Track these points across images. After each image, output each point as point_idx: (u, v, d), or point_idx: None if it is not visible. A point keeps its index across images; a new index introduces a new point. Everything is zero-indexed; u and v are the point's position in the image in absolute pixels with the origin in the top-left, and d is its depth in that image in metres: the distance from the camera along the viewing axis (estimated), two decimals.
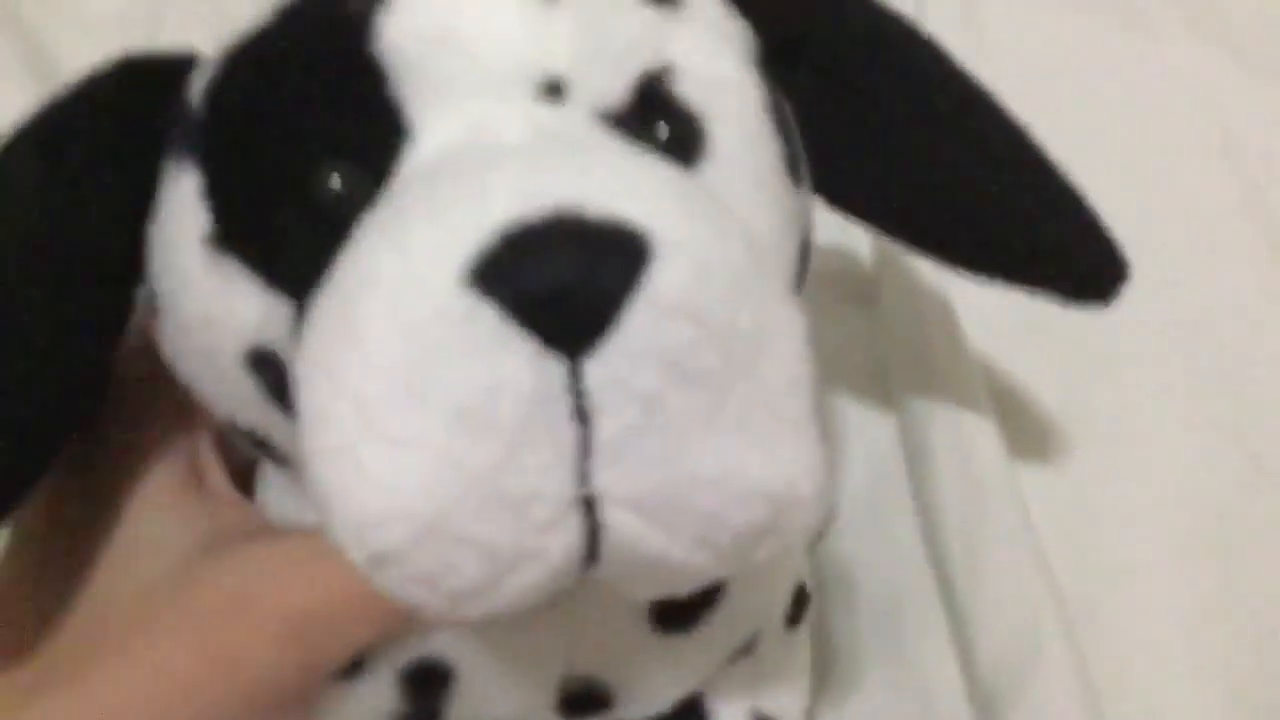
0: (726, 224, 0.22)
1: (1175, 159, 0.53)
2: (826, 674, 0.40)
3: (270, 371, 0.25)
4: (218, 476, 0.30)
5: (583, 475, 0.20)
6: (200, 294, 0.25)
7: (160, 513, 0.28)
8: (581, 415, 0.20)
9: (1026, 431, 0.45)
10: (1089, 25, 0.57)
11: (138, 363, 0.28)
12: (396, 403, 0.20)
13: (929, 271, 0.46)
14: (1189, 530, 0.43)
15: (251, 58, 0.25)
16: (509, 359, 0.20)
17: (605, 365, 0.20)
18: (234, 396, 0.26)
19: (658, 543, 0.21)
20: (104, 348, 0.27)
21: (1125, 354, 0.47)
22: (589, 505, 0.20)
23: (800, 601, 0.35)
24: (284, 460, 0.27)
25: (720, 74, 0.26)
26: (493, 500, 0.20)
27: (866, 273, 0.49)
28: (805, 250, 0.28)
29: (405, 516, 0.20)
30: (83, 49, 0.54)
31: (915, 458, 0.44)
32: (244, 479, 0.31)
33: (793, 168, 0.27)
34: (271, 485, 0.30)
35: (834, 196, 0.32)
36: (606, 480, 0.20)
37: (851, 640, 0.41)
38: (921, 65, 0.31)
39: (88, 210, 0.26)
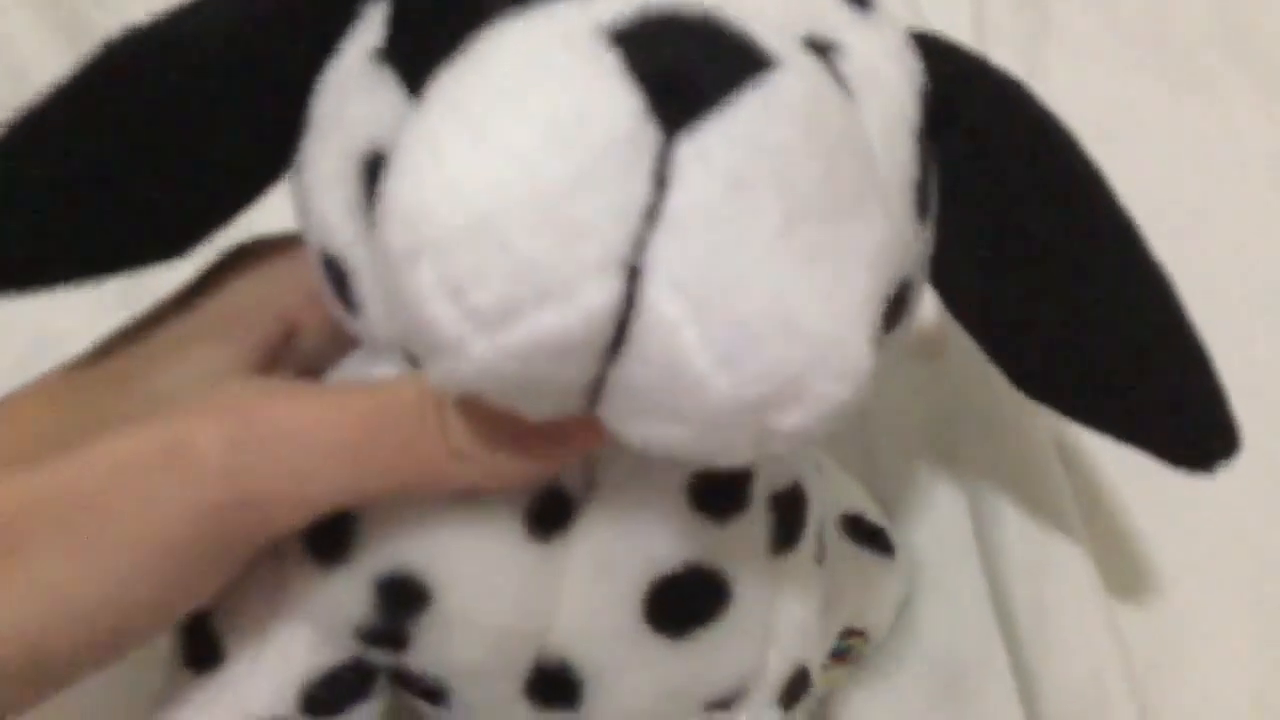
0: (855, 116, 0.22)
1: (1237, 222, 0.53)
2: None
3: (372, 164, 0.25)
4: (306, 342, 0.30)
5: (640, 240, 0.20)
6: (347, 94, 0.26)
7: (218, 359, 0.28)
8: (660, 181, 0.20)
9: (1091, 487, 0.45)
10: (1154, 86, 0.57)
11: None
12: (494, 105, 0.20)
13: None
14: (1256, 587, 0.43)
15: None
16: (612, 96, 0.20)
17: (700, 142, 0.20)
18: (335, 208, 0.26)
19: (687, 339, 0.20)
20: (256, 175, 0.27)
21: None
22: (635, 276, 0.20)
23: (800, 683, 0.32)
24: (357, 303, 0.27)
25: (884, 75, 0.26)
26: (549, 219, 0.19)
27: (931, 327, 0.49)
28: (907, 290, 0.28)
29: (461, 204, 0.20)
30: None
31: (981, 515, 0.44)
32: None
33: (921, 200, 0.27)
34: (341, 367, 0.30)
35: (939, 283, 0.30)
36: (660, 251, 0.20)
37: (918, 700, 0.41)
38: (1071, 177, 0.29)
39: (280, 40, 0.26)
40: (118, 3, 0.59)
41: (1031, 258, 0.29)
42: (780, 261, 0.20)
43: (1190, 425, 0.30)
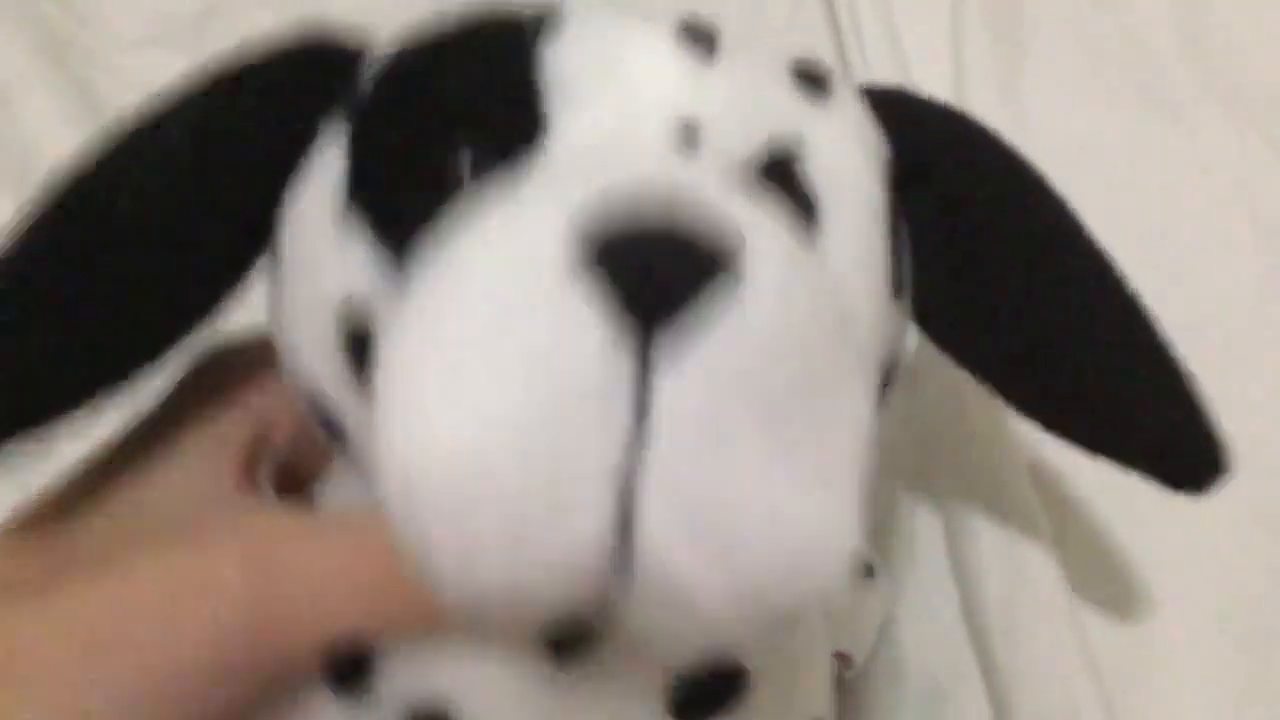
0: (822, 278, 0.22)
1: (1209, 245, 0.54)
2: None
3: (356, 336, 0.26)
4: (281, 445, 0.30)
5: (629, 465, 0.20)
6: (316, 239, 0.26)
7: (210, 464, 0.29)
8: (641, 408, 0.20)
9: (1065, 509, 0.46)
10: (1126, 114, 0.58)
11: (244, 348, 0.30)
12: (473, 333, 0.20)
13: None
14: (1230, 608, 0.44)
15: (419, 50, 0.27)
16: (586, 334, 0.20)
17: (674, 373, 0.20)
18: (320, 356, 0.27)
19: (680, 556, 0.20)
20: (214, 292, 0.28)
21: None
22: (627, 497, 0.20)
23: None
24: (351, 446, 0.28)
25: (846, 169, 0.27)
26: (536, 458, 0.20)
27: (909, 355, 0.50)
28: (892, 365, 0.28)
29: (450, 446, 0.20)
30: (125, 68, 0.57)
31: (955, 538, 0.45)
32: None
33: (896, 283, 0.28)
34: (336, 484, 0.30)
35: (926, 326, 0.31)
36: (649, 473, 0.20)
37: (894, 712, 0.42)
38: (1044, 222, 0.30)
39: (240, 164, 0.27)
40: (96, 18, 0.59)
41: (1011, 298, 0.29)
42: (763, 466, 0.20)
43: (1179, 446, 0.31)
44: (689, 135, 0.25)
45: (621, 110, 0.25)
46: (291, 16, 0.28)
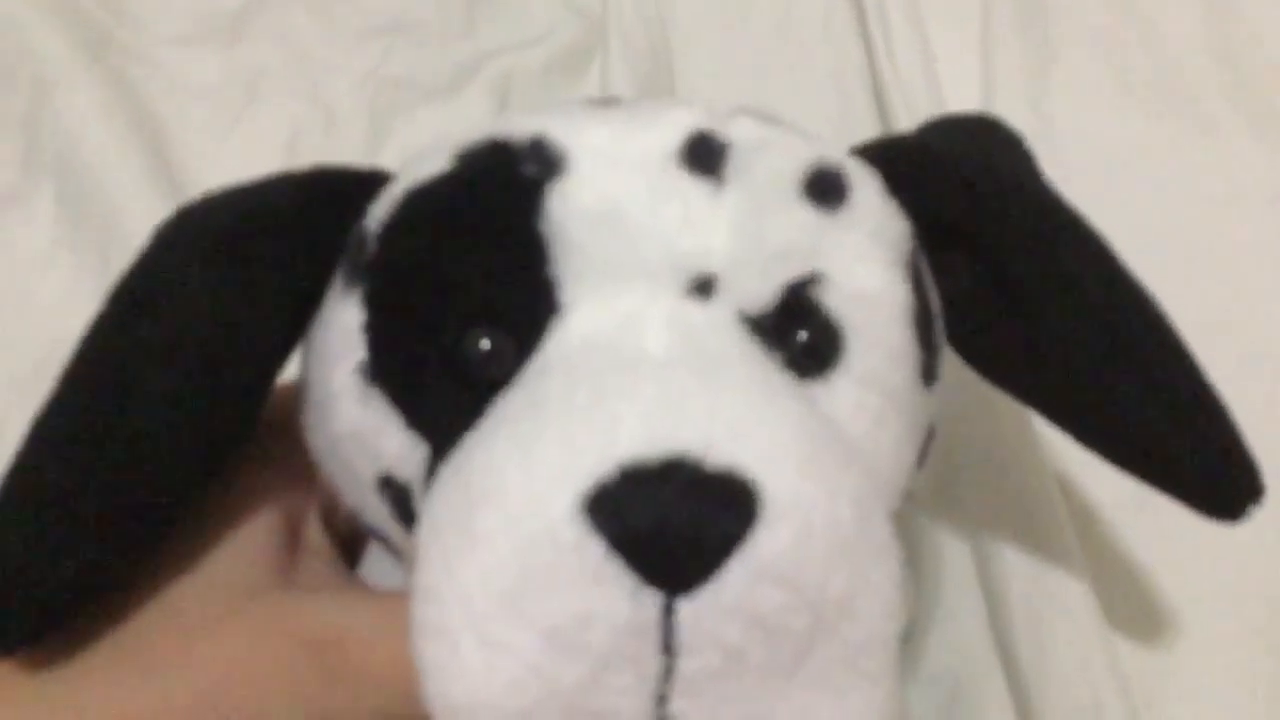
0: (841, 475, 0.23)
1: (1237, 255, 0.54)
2: None
3: (397, 496, 0.27)
4: (315, 532, 0.31)
5: (661, 698, 0.22)
6: (348, 414, 0.27)
7: (244, 554, 0.29)
8: (668, 647, 0.21)
9: (1093, 521, 0.46)
10: (1154, 124, 0.58)
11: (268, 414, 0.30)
12: (498, 610, 0.21)
13: None
14: (1259, 622, 0.44)
15: (425, 207, 0.27)
16: (607, 592, 0.21)
17: (696, 611, 0.21)
18: (362, 501, 0.28)
19: None
20: (241, 428, 0.28)
21: None
22: None
23: None
24: (398, 552, 0.29)
25: (868, 285, 0.27)
26: (573, 712, 0.22)
27: None
28: (930, 437, 0.29)
29: (492, 709, 0.22)
30: (185, 115, 0.58)
31: (982, 546, 0.45)
32: (347, 548, 0.32)
33: (927, 371, 0.28)
34: (377, 557, 0.32)
35: (970, 358, 0.32)
36: (682, 708, 0.22)
37: (915, 713, 0.42)
38: (1083, 266, 0.30)
39: (257, 308, 0.27)
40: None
41: (1050, 336, 0.30)
42: (791, 691, 0.22)
43: (1214, 475, 0.31)
44: (702, 288, 0.26)
45: (633, 272, 0.25)
46: (324, 16, 0.28)
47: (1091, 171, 0.54)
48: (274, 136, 0.57)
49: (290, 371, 0.30)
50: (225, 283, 0.27)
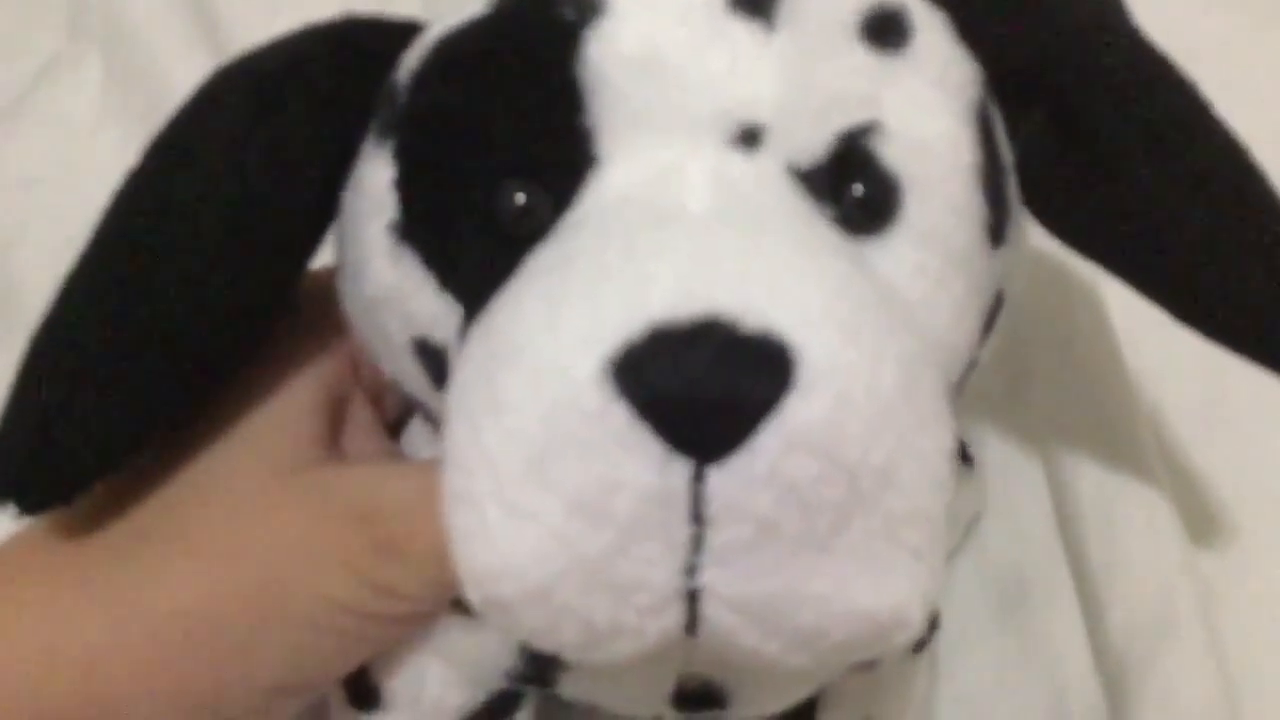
0: (887, 339, 0.22)
1: None
2: (949, 638, 0.41)
3: (433, 360, 0.26)
4: (359, 405, 0.31)
5: (691, 568, 0.21)
6: (380, 276, 0.26)
7: (288, 428, 0.29)
8: (698, 517, 0.20)
9: (1165, 412, 0.45)
10: (1236, 19, 0.55)
11: (315, 283, 0.29)
12: (523, 476, 0.21)
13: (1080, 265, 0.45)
14: None
15: (458, 53, 0.26)
16: (633, 459, 0.20)
17: (727, 480, 0.20)
18: (398, 367, 0.28)
19: (753, 640, 0.21)
20: (276, 292, 0.28)
21: None
22: (692, 596, 0.21)
23: (929, 628, 0.34)
24: (436, 419, 0.28)
25: (930, 134, 0.25)
26: (598, 583, 0.21)
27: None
28: (998, 302, 0.28)
29: (516, 577, 0.21)
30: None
31: (1050, 431, 0.44)
32: (394, 428, 0.32)
33: (995, 231, 0.27)
34: (418, 429, 0.32)
35: (1046, 219, 0.29)
36: (712, 579, 0.21)
37: (976, 602, 0.42)
38: (1170, 118, 0.27)
39: (288, 164, 0.27)
40: None
41: (1138, 196, 0.28)
42: (827, 564, 0.21)
43: None
44: (748, 139, 0.24)
45: (673, 122, 0.24)
46: None
47: None
48: (325, 9, 0.56)
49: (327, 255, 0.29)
50: (255, 138, 0.26)
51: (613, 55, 0.24)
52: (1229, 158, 0.28)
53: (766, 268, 0.22)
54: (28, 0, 0.57)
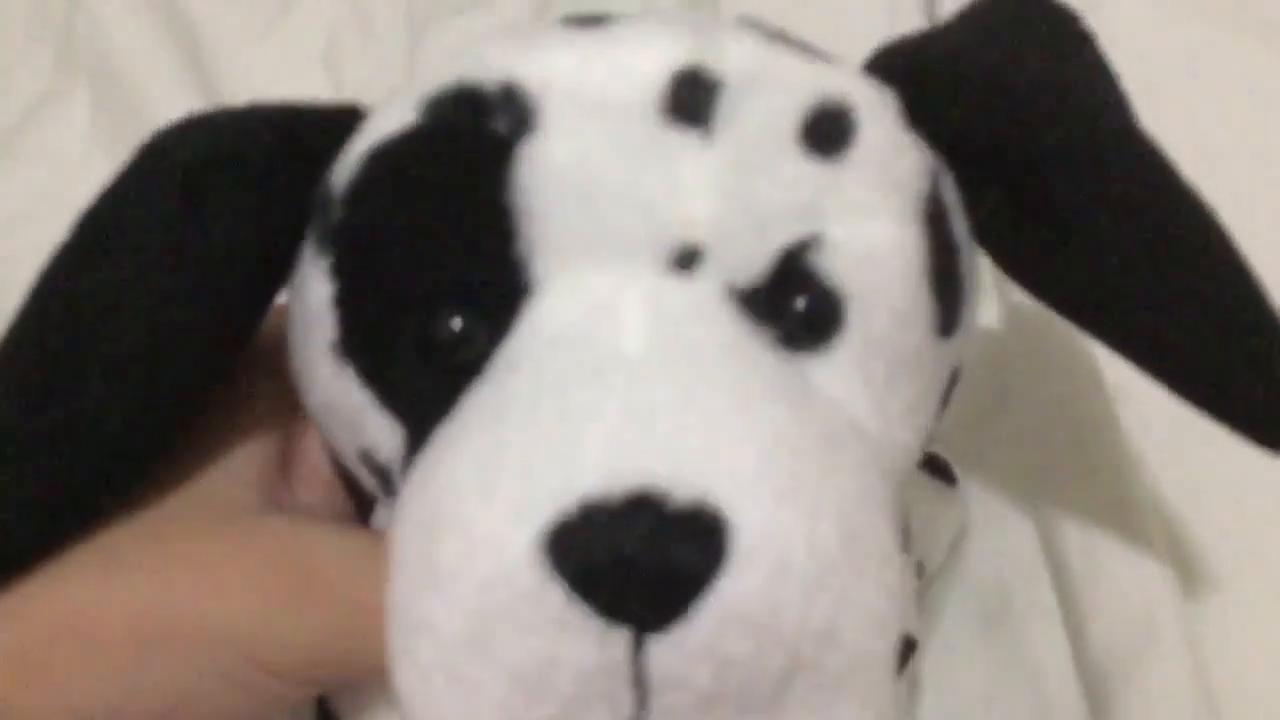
0: (826, 488, 0.22)
1: None
2: (934, 653, 0.41)
3: (380, 474, 0.26)
4: (312, 465, 0.30)
5: None
6: (326, 386, 0.26)
7: (235, 475, 0.28)
8: (640, 683, 0.21)
9: (1145, 426, 0.45)
10: (1215, 33, 0.56)
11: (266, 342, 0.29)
12: (464, 647, 0.21)
13: None
14: None
15: (391, 168, 0.25)
16: (571, 638, 0.20)
17: (665, 652, 0.20)
18: (351, 465, 0.28)
19: None
20: (205, 380, 0.27)
21: None
22: None
23: (904, 652, 0.33)
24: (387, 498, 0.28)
25: (874, 241, 0.25)
26: None
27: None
28: (954, 378, 0.28)
29: None
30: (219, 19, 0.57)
31: (1031, 445, 0.44)
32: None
33: (945, 325, 0.26)
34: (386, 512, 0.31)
35: (1013, 275, 0.29)
36: None
37: (960, 617, 0.42)
38: (1137, 186, 0.26)
39: (215, 258, 0.26)
40: None
41: (1100, 260, 0.27)
42: None
43: (1268, 399, 0.28)
44: (684, 261, 0.24)
45: (608, 249, 0.24)
46: None
47: (1150, 83, 0.52)
48: (310, 42, 0.57)
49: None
50: (181, 231, 0.25)
51: (545, 176, 0.24)
52: (1195, 224, 0.27)
53: (700, 427, 0.21)
54: (14, 36, 0.58)
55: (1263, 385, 0.28)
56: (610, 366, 0.23)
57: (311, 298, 0.26)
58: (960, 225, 0.27)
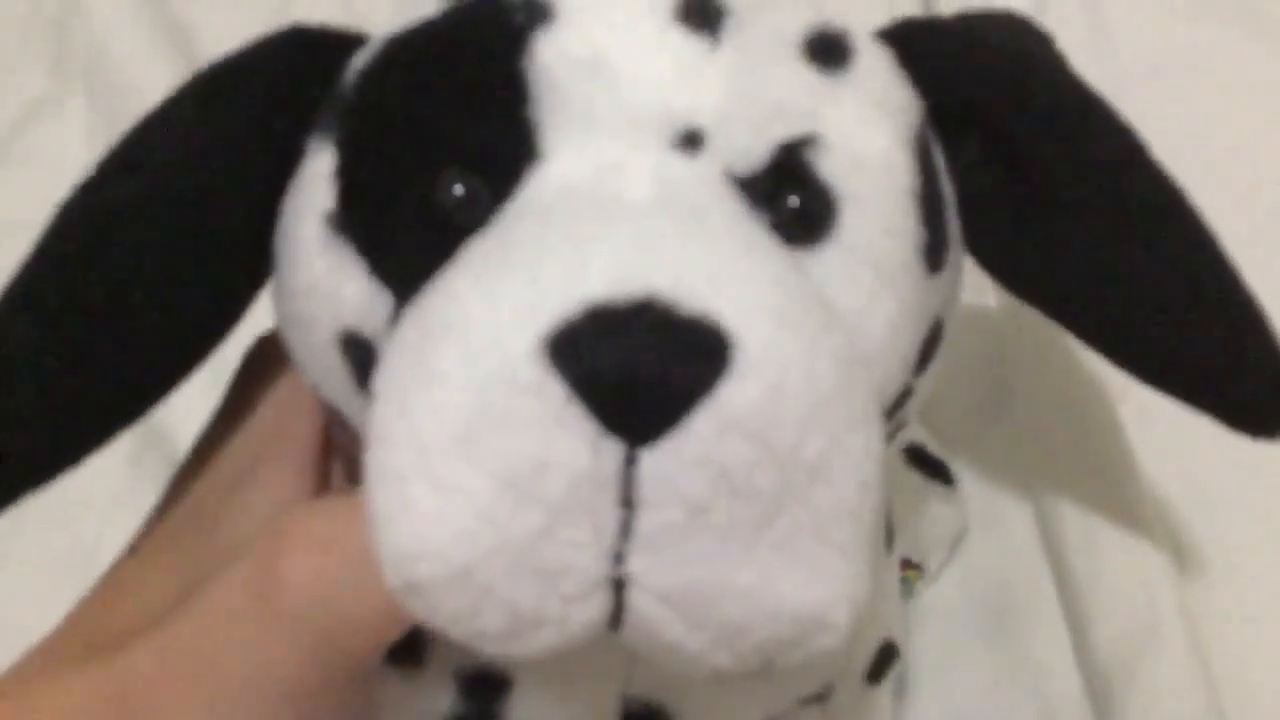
0: (822, 335, 0.22)
1: None
2: (936, 654, 0.41)
3: (359, 355, 0.26)
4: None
5: (618, 555, 0.21)
6: (311, 266, 0.26)
7: (279, 485, 0.28)
8: (628, 501, 0.20)
9: (1145, 425, 0.44)
10: (1215, 32, 0.56)
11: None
12: (451, 451, 0.20)
13: None
14: None
15: (407, 49, 0.26)
16: (565, 438, 0.20)
17: (659, 462, 0.20)
18: (323, 370, 0.27)
19: (677, 633, 0.21)
20: (223, 313, 0.27)
21: None
22: (618, 585, 0.21)
23: (885, 658, 0.34)
24: (349, 444, 0.28)
25: (869, 152, 0.26)
26: (524, 565, 0.21)
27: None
28: (936, 331, 0.28)
29: (437, 557, 0.21)
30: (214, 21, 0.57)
31: (1031, 446, 0.44)
32: None
33: (931, 255, 0.26)
34: None
35: (987, 263, 0.29)
36: (639, 566, 0.21)
37: (960, 617, 0.42)
38: (1107, 154, 0.28)
39: (235, 172, 0.26)
40: None
41: (1074, 234, 0.28)
42: (755, 555, 0.21)
43: (1246, 383, 0.29)
44: (689, 142, 0.24)
45: (616, 122, 0.24)
46: None
47: (1148, 80, 0.53)
48: None
49: None
50: (204, 128, 0.26)
51: (560, 56, 0.24)
52: (1164, 197, 0.28)
53: (705, 255, 0.22)
54: (10, 42, 0.58)
55: (1241, 368, 0.28)
56: (618, 207, 0.23)
57: (310, 176, 0.26)
58: (945, 178, 0.28)
